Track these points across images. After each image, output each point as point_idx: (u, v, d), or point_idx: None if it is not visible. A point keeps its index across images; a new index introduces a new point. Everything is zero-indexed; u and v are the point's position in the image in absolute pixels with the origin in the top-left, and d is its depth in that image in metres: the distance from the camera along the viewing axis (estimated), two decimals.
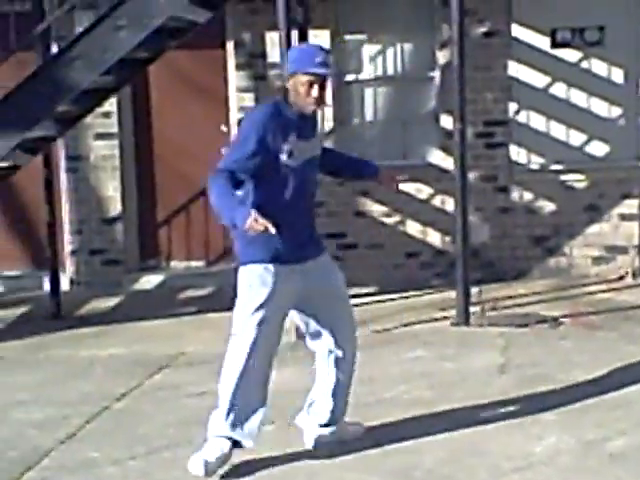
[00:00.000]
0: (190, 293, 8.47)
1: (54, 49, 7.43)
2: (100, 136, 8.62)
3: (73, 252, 8.73)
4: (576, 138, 8.46)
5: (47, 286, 7.97)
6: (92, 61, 6.61)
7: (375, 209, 8.60)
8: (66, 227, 8.67)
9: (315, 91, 4.01)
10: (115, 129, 8.65)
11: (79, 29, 7.20)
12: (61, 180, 8.51)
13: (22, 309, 7.99)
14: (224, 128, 8.78)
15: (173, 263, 9.07)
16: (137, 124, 8.91)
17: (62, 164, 8.57)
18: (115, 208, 8.70)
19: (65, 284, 8.36)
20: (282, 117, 4.06)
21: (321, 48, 4.32)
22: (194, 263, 9.00)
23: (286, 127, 4.03)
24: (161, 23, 6.49)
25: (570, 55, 8.38)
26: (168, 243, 9.09)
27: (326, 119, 8.29)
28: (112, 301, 8.27)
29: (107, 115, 8.50)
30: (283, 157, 4.02)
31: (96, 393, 5.59)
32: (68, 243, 8.70)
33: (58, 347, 6.80)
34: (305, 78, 4.01)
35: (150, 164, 8.93)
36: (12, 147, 6.75)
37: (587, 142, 8.49)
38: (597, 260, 8.53)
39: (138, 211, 9.01)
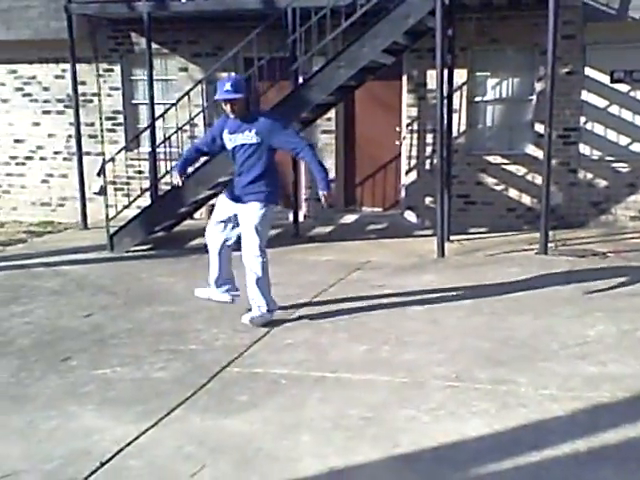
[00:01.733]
0: (373, 227, 9.12)
1: (300, 80, 8.01)
2: (324, 132, 9.37)
3: (306, 199, 9.57)
4: (623, 140, 8.78)
5: (291, 218, 8.80)
6: (323, 87, 7.26)
7: (489, 180, 9.03)
8: (302, 184, 9.38)
9: (227, 107, 4.76)
10: (333, 127, 9.35)
11: (315, 67, 7.88)
12: None
13: (277, 231, 8.57)
14: (397, 128, 9.33)
15: (364, 208, 9.66)
16: (346, 125, 9.50)
17: None
18: (331, 174, 8.83)
19: (301, 217, 9.04)
20: (224, 122, 4.95)
21: (229, 79, 4.78)
22: (376, 208, 9.60)
23: (225, 126, 4.95)
24: (364, 64, 7.20)
25: (622, 87, 8.65)
26: (361, 196, 9.69)
27: (462, 124, 8.97)
28: (327, 229, 9.01)
29: (329, 119, 9.17)
30: (225, 143, 4.95)
31: (318, 281, 6.24)
32: (303, 194, 9.50)
33: (296, 253, 7.52)
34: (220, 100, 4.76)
35: (352, 149, 9.54)
36: None
37: (630, 143, 8.80)
38: (633, 218, 8.88)
39: (344, 177, 9.65)
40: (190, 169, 5.49)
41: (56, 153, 10.60)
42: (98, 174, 9.06)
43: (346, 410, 3.75)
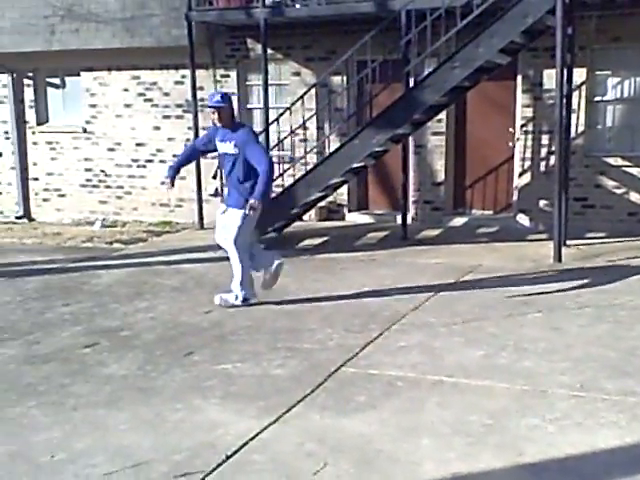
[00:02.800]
0: (483, 230, 9.00)
1: (412, 82, 8.04)
2: (434, 133, 9.32)
3: (414, 201, 9.51)
4: None
5: (399, 220, 8.91)
6: (436, 88, 7.26)
7: (609, 183, 8.75)
8: (411, 186, 9.27)
9: (214, 115, 5.37)
10: (444, 129, 9.27)
11: (427, 69, 7.96)
12: (410, 158, 9.01)
13: (385, 233, 8.85)
14: (511, 129, 9.18)
15: (473, 210, 9.57)
16: (457, 126, 9.42)
17: (411, 149, 9.12)
18: (440, 176, 9.43)
19: (409, 220, 8.90)
20: (215, 130, 5.49)
21: (217, 93, 5.50)
22: (486, 211, 9.49)
23: (216, 134, 5.51)
24: (479, 64, 7.12)
25: None
26: (471, 198, 9.59)
27: (580, 124, 8.66)
28: (436, 232, 8.92)
29: (439, 120, 9.04)
30: (217, 148, 5.48)
31: (428, 284, 6.25)
32: (412, 196, 9.40)
33: (405, 256, 7.54)
34: (209, 110, 5.42)
35: (463, 150, 9.46)
36: (386, 139, 7.67)
37: None
38: None
39: (454, 178, 9.58)
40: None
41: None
42: (214, 177, 9.33)
43: (465, 416, 3.68)
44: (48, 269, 7.72)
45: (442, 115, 8.92)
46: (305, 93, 8.66)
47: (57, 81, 11.54)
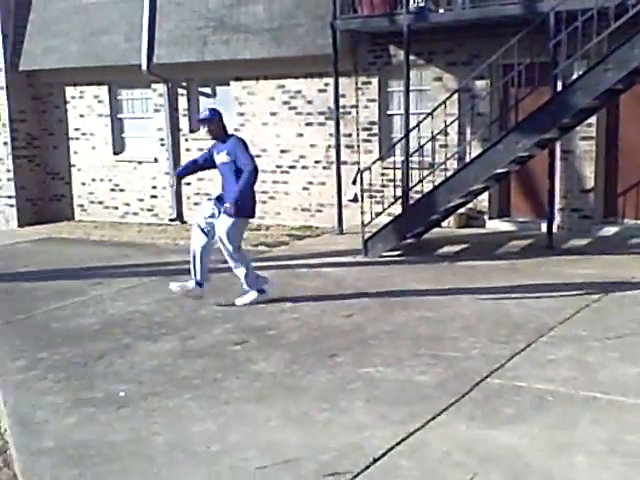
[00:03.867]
0: (636, 240, 8.54)
1: (560, 85, 7.81)
2: (583, 138, 8.99)
3: (560, 209, 9.17)
4: None
5: (543, 228, 8.61)
6: (587, 91, 7.02)
7: None
8: (557, 193, 8.91)
9: (204, 129, 5.95)
10: (594, 134, 8.93)
11: (576, 72, 7.84)
12: (557, 164, 8.75)
13: (528, 241, 8.61)
14: None
15: (625, 220, 9.19)
16: (608, 131, 9.08)
17: (558, 155, 8.86)
18: (589, 183, 9.08)
19: (554, 228, 8.57)
20: (213, 146, 5.98)
21: (206, 109, 6.00)
22: None
23: (213, 147, 5.97)
24: (634, 66, 6.84)
25: None
26: (623, 206, 9.20)
27: None
28: (584, 241, 8.57)
29: (589, 125, 8.71)
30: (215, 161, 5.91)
31: (577, 296, 6.00)
32: (558, 203, 9.04)
33: (550, 265, 7.32)
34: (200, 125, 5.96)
35: (615, 156, 9.09)
36: (532, 144, 7.45)
37: None
38: None
39: (604, 185, 9.22)
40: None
41: (316, 162, 11.22)
42: (353, 182, 9.41)
43: (622, 435, 3.50)
44: None
45: (592, 119, 8.61)
46: (448, 98, 8.55)
47: (208, 90, 12.06)
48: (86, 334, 5.69)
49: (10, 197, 13.46)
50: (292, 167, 11.33)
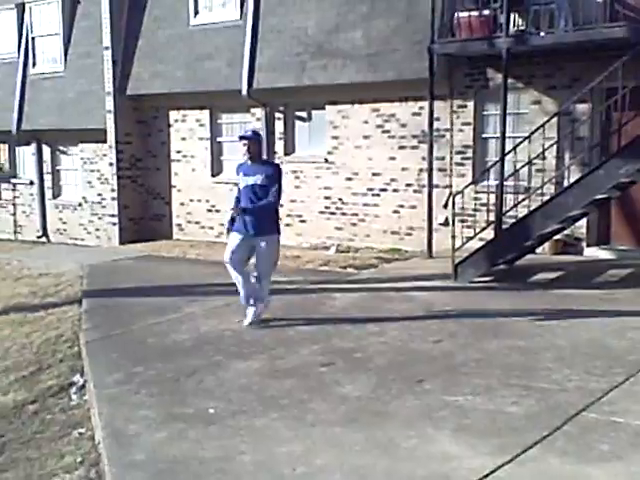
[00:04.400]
0: None
1: None
2: None
3: None
4: None
5: None
6: None
7: None
8: None
9: (245, 148, 6.09)
10: None
11: None
12: None
13: (629, 270, 8.45)
14: None
15: None
16: None
17: None
18: None
19: None
20: (242, 164, 6.13)
21: (249, 130, 6.43)
22: None
23: (241, 168, 6.15)
24: None
25: None
26: None
27: None
28: None
29: None
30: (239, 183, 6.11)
31: None
32: None
33: None
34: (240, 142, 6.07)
35: None
36: (635, 169, 7.29)
37: None
38: None
39: None
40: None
41: (408, 185, 11.18)
42: (444, 206, 9.30)
43: None
44: (289, 289, 8.21)
45: None
46: (547, 121, 8.35)
47: (304, 114, 12.28)
48: (179, 350, 5.86)
49: (113, 215, 14.12)
50: (383, 190, 11.36)
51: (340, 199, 11.88)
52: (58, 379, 5.37)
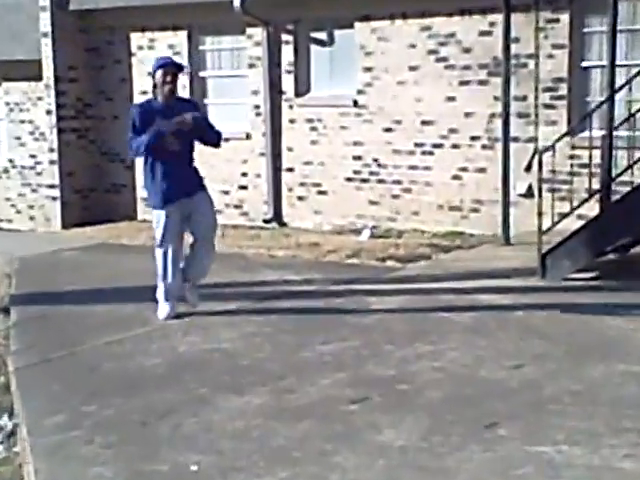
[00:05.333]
0: None
1: None
2: None
3: None
4: None
5: None
6: None
7: None
8: None
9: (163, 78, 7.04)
10: None
11: None
12: None
13: None
14: None
15: None
16: None
17: None
18: None
19: None
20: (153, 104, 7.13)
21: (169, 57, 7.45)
22: None
23: (155, 110, 7.06)
24: None
25: None
26: None
27: None
28: None
29: None
30: None
31: None
32: None
33: None
34: None
35: None
36: None
37: None
38: None
39: None
40: None
41: (473, 139, 11.15)
42: (527, 169, 9.27)
43: None
44: (303, 292, 8.27)
45: None
46: None
47: (323, 36, 12.33)
48: (148, 380, 5.91)
49: (53, 187, 14.27)
50: (438, 146, 11.36)
51: (375, 160, 11.89)
52: None
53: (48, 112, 14.19)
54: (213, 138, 7.37)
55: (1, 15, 14.71)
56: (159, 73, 6.95)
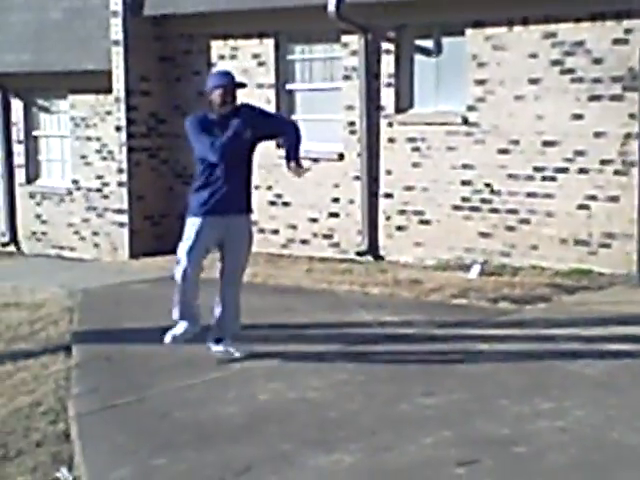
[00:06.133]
0: None
1: None
2: None
3: None
4: None
5: None
6: None
7: None
8: None
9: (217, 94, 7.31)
10: None
11: None
12: None
13: None
14: None
15: None
16: None
17: None
18: None
19: None
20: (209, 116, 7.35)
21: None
22: None
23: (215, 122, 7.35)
24: None
25: None
26: None
27: None
28: None
29: None
30: None
31: None
32: None
33: None
34: None
35: None
36: None
37: None
38: None
39: None
40: None
41: (603, 162, 10.98)
42: None
43: None
44: (402, 335, 8.23)
45: None
46: None
47: (429, 44, 12.32)
48: (224, 431, 5.91)
49: (120, 212, 14.49)
50: (562, 170, 11.27)
51: (488, 185, 11.82)
52: (33, 474, 5.47)
53: (117, 128, 14.43)
54: (286, 131, 7.53)
55: (68, 21, 15.03)
56: (218, 92, 7.22)
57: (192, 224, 7.35)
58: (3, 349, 8.31)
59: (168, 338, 7.34)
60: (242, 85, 7.50)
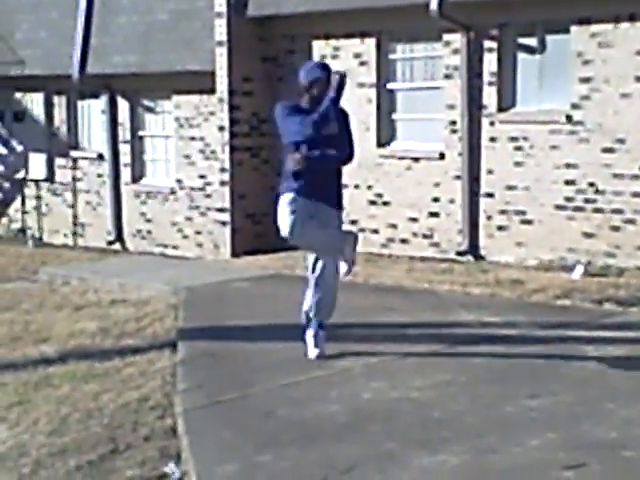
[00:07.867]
0: None
1: None
2: None
3: None
4: None
5: None
6: None
7: None
8: None
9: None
10: None
11: None
12: None
13: None
14: None
15: None
16: None
17: None
18: None
19: None
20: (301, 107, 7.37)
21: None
22: None
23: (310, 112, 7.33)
24: None
25: None
26: None
27: None
28: None
29: None
30: None
31: None
32: None
33: None
34: None
35: None
36: None
37: None
38: None
39: None
40: None
41: None
42: None
43: None
44: (504, 336, 8.17)
45: None
46: None
47: (533, 42, 12.22)
48: (328, 430, 5.94)
49: (222, 210, 14.66)
50: None
51: (592, 185, 11.68)
52: (142, 468, 5.57)
53: (220, 128, 14.61)
54: (344, 150, 7.42)
55: (174, 22, 15.25)
56: (311, 85, 7.38)
57: (285, 201, 7.28)
58: (111, 345, 8.44)
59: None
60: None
